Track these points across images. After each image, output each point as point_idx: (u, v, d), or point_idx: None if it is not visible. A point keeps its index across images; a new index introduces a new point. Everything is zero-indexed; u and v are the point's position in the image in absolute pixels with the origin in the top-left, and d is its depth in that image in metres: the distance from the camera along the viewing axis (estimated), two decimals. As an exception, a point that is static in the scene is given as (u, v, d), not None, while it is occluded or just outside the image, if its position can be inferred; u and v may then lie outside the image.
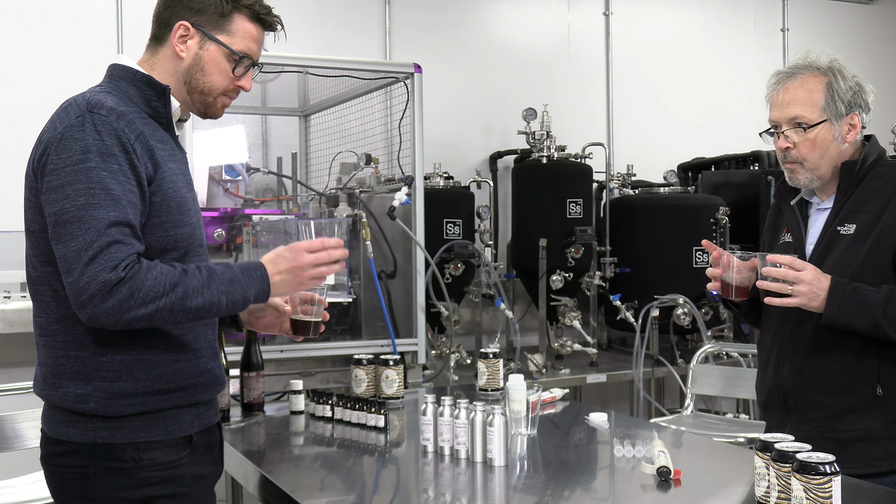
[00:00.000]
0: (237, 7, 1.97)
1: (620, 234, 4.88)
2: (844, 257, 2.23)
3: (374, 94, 4.05)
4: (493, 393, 2.99)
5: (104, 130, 1.80)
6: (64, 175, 1.77)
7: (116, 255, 1.73)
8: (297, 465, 2.37)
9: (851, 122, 2.29)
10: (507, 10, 5.50)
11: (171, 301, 1.77)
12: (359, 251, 3.60)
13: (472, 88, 5.33)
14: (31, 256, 1.90)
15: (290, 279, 1.94)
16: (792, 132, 2.29)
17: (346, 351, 3.48)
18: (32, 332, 4.08)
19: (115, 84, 1.94)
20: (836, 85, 2.28)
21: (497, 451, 2.17)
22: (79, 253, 1.72)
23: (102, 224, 1.74)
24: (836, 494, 1.63)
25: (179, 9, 1.96)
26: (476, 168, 5.28)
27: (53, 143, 1.80)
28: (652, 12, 5.92)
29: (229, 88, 2.02)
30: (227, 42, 1.97)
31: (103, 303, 1.72)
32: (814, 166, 2.28)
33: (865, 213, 2.23)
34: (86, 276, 1.71)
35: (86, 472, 1.83)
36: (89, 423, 1.83)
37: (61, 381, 1.85)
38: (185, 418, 1.91)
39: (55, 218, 1.77)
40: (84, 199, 1.75)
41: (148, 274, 1.75)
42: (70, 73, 4.41)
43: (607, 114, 5.75)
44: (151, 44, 2.01)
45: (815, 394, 2.24)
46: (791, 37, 6.32)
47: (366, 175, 3.93)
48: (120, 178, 1.79)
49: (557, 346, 4.61)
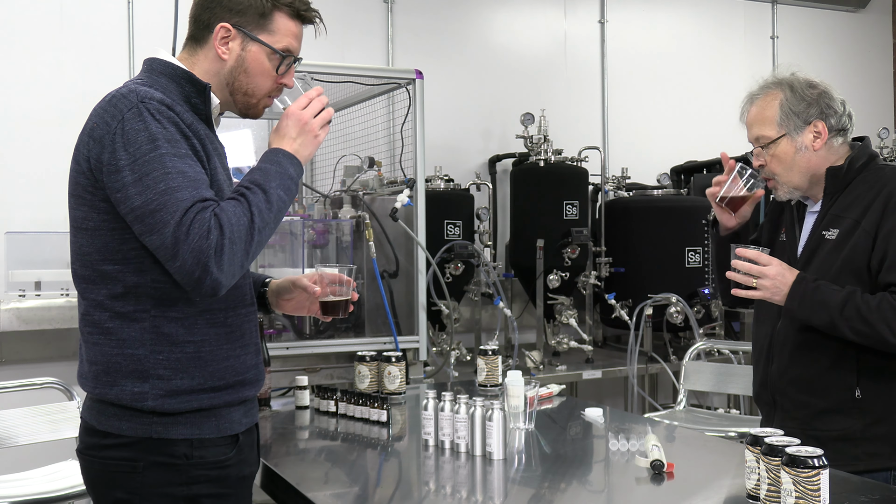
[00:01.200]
0: (277, 5, 1.90)
1: (615, 234, 4.88)
2: (826, 262, 2.22)
3: (377, 99, 4.06)
4: (492, 389, 2.99)
5: (163, 119, 1.75)
6: (138, 168, 1.71)
7: (203, 217, 1.70)
8: (302, 458, 2.37)
9: (816, 130, 2.26)
10: (505, 18, 5.50)
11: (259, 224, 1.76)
12: (362, 251, 3.60)
13: (471, 94, 5.33)
14: (83, 255, 1.83)
15: (306, 138, 1.91)
16: (760, 151, 2.32)
17: (349, 348, 3.48)
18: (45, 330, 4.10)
19: (154, 78, 1.86)
20: (788, 100, 2.27)
21: (496, 444, 2.17)
22: (175, 236, 1.68)
23: (186, 203, 1.70)
24: (824, 487, 1.63)
25: (219, 10, 1.89)
26: (475, 171, 5.28)
27: (115, 139, 1.73)
28: (645, 20, 5.92)
29: (273, 89, 1.96)
30: (270, 41, 1.91)
31: (219, 266, 1.69)
32: (786, 180, 2.29)
33: (847, 219, 2.22)
34: (190, 256, 1.68)
35: (134, 465, 1.78)
36: (145, 419, 1.78)
37: (117, 380, 1.79)
38: (234, 416, 1.87)
39: (141, 210, 1.71)
40: (164, 185, 1.70)
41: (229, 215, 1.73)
42: (82, 73, 4.42)
43: (602, 118, 5.75)
44: (190, 44, 1.94)
45: (798, 393, 2.25)
46: (780, 44, 6.32)
47: (369, 178, 3.93)
48: (189, 162, 1.75)
49: (554, 344, 4.62)
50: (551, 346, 4.63)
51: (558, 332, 4.66)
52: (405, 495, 2.02)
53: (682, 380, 3.99)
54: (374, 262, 3.55)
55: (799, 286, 2.14)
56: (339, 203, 3.79)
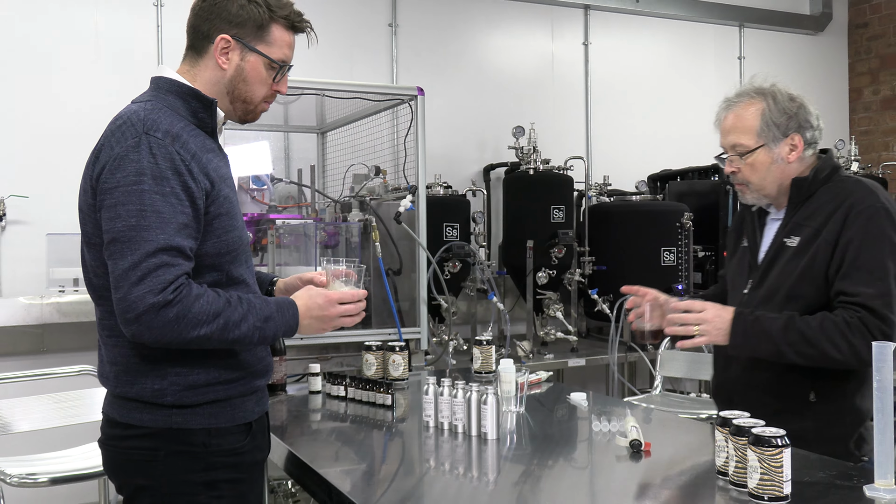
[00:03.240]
0: (274, 18, 1.84)
1: (598, 236, 4.88)
2: (786, 269, 2.15)
3: (383, 113, 4.05)
4: (487, 375, 2.99)
5: (159, 154, 1.68)
6: (118, 195, 1.66)
7: (164, 277, 1.63)
8: (315, 438, 2.37)
9: (792, 143, 2.17)
10: (499, 40, 5.50)
11: (212, 330, 1.68)
12: (369, 251, 3.60)
13: (468, 109, 5.33)
14: (93, 266, 1.79)
15: (317, 325, 1.88)
16: (735, 158, 2.20)
17: (357, 338, 3.48)
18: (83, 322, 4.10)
19: (162, 97, 1.81)
20: (770, 111, 2.17)
21: (490, 426, 2.17)
22: (127, 272, 1.62)
23: (151, 246, 1.63)
24: (787, 464, 1.63)
25: (218, 22, 1.82)
26: (472, 178, 5.27)
27: (110, 163, 1.68)
28: (625, 43, 5.92)
29: (268, 94, 1.90)
30: (267, 52, 1.85)
31: (150, 323, 1.63)
32: (758, 187, 2.20)
33: (809, 228, 2.13)
34: (133, 296, 1.62)
35: (155, 454, 1.75)
36: (165, 411, 1.75)
37: (136, 379, 1.75)
38: (248, 405, 1.84)
39: (109, 236, 1.66)
40: (135, 221, 1.64)
41: (196, 302, 1.66)
42: (117, 89, 4.37)
43: (586, 131, 5.75)
44: (190, 54, 1.88)
45: (755, 394, 2.17)
46: (747, 64, 6.31)
47: (375, 184, 3.93)
48: (171, 201, 1.67)
49: (542, 334, 4.62)
50: (540, 337, 4.63)
51: (546, 324, 4.66)
52: (408, 471, 2.02)
53: (658, 367, 3.99)
54: (380, 261, 3.54)
55: (738, 322, 2.07)
56: (348, 207, 3.79)
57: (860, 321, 2.01)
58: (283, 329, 1.82)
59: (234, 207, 1.85)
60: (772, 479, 1.62)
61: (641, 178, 5.57)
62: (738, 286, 2.30)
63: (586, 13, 5.75)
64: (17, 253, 4.25)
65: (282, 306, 1.82)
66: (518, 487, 1.86)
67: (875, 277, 2.02)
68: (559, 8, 5.66)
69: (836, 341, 2.00)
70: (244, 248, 1.88)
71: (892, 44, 6.53)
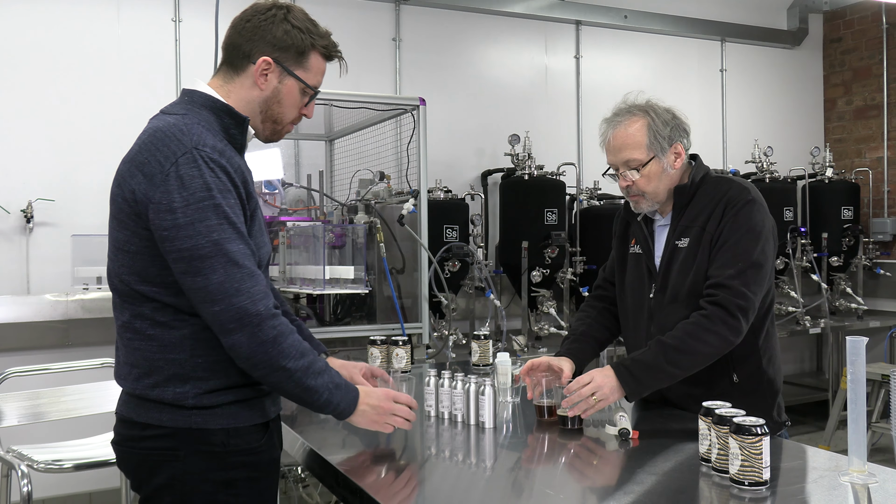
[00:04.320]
0: (315, 46, 1.80)
1: (588, 237, 4.88)
2: (683, 267, 2.18)
3: (387, 122, 4.06)
4: (484, 368, 2.98)
5: (216, 168, 1.63)
6: (191, 212, 1.58)
7: (257, 288, 1.62)
8: (322, 426, 2.35)
9: (676, 152, 2.21)
10: (495, 54, 5.50)
11: (296, 366, 1.66)
12: (374, 251, 3.60)
13: (466, 118, 5.33)
14: (122, 273, 1.70)
15: (371, 414, 1.85)
16: (629, 172, 2.21)
17: (363, 333, 3.48)
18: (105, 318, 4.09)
19: (195, 111, 1.73)
20: (655, 124, 2.19)
21: (487, 415, 2.16)
22: (222, 285, 1.59)
23: (238, 256, 1.61)
24: (766, 451, 1.63)
25: (262, 44, 1.75)
26: (470, 183, 5.28)
27: (168, 180, 1.60)
28: (614, 56, 5.92)
29: (296, 118, 1.86)
30: (304, 77, 1.80)
31: (252, 332, 1.61)
32: (653, 196, 2.22)
33: (695, 227, 2.18)
34: (234, 308, 1.59)
35: (176, 453, 1.68)
36: (185, 412, 1.68)
37: (158, 382, 1.68)
38: (265, 405, 1.79)
39: (189, 253, 1.59)
40: (217, 235, 1.59)
41: (291, 334, 1.66)
42: (136, 99, 4.42)
43: (577, 139, 5.75)
44: (225, 70, 1.80)
45: (682, 385, 2.16)
46: (728, 76, 6.32)
47: (380, 189, 3.93)
48: (237, 212, 1.65)
49: (536, 329, 4.62)
50: (534, 332, 4.63)
51: (540, 320, 4.66)
52: (410, 458, 2.01)
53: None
54: (384, 261, 3.54)
55: (620, 373, 2.07)
56: (354, 210, 3.79)
57: (715, 305, 2.06)
58: (345, 403, 1.79)
59: (262, 222, 1.82)
60: (752, 466, 1.62)
61: (629, 183, 5.56)
62: (640, 292, 2.31)
63: (578, 28, 5.75)
64: (43, 253, 4.25)
65: (348, 384, 1.81)
66: (513, 473, 1.85)
67: (737, 259, 2.09)
68: (552, 23, 5.66)
69: (703, 338, 2.05)
70: (267, 265, 1.85)
71: (864, 57, 6.54)
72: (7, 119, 4.24)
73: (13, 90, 4.26)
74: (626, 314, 2.38)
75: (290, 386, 1.70)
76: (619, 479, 1.80)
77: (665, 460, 1.93)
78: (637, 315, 2.32)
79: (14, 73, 4.26)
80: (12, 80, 4.26)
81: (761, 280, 2.11)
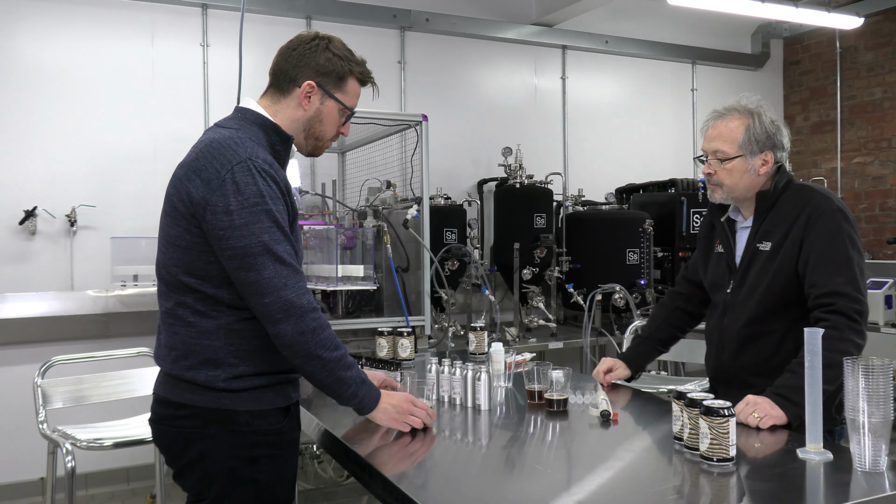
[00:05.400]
0: (353, 72, 1.85)
1: (573, 239, 4.88)
2: (762, 270, 2.12)
3: (393, 136, 4.05)
4: (480, 356, 2.98)
5: (268, 177, 1.66)
6: (246, 215, 1.61)
7: (300, 283, 1.66)
8: (335, 409, 2.35)
9: (765, 159, 2.12)
10: (490, 75, 5.50)
11: (330, 357, 1.70)
12: (382, 252, 3.59)
13: (464, 133, 5.33)
14: (170, 265, 1.73)
15: (392, 412, 1.86)
16: (714, 161, 2.16)
17: (371, 325, 3.47)
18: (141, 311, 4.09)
19: (247, 126, 1.76)
20: (754, 127, 2.11)
21: (483, 398, 2.17)
22: (272, 280, 1.62)
23: (285, 255, 1.65)
24: (732, 431, 1.63)
25: (307, 70, 1.80)
26: (467, 191, 5.28)
27: (224, 186, 1.63)
28: (596, 77, 5.92)
29: (335, 136, 1.89)
30: (343, 100, 1.84)
31: (296, 323, 1.64)
32: (729, 190, 2.16)
33: (777, 233, 2.10)
34: (282, 300, 1.63)
35: (206, 431, 1.70)
36: (216, 393, 1.70)
37: (194, 364, 1.70)
38: (287, 391, 1.80)
39: (243, 251, 1.62)
40: (268, 236, 1.63)
41: (328, 328, 1.70)
42: (169, 116, 4.42)
43: (564, 151, 5.75)
44: (273, 93, 1.83)
45: (746, 376, 2.14)
46: (698, 95, 6.32)
47: (386, 196, 3.92)
48: (284, 217, 1.68)
49: (527, 322, 4.62)
50: (525, 324, 4.63)
51: (530, 313, 4.66)
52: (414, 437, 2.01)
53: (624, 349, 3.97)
54: (391, 260, 3.54)
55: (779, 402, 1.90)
56: (364, 215, 3.78)
57: (837, 314, 1.96)
58: (369, 398, 1.82)
59: (298, 227, 1.83)
60: (720, 444, 1.62)
61: (610, 190, 5.57)
62: (720, 286, 2.26)
63: (564, 52, 5.75)
64: (86, 253, 4.25)
65: (372, 384, 1.84)
66: (507, 450, 1.85)
67: (843, 267, 2.00)
68: (541, 48, 5.66)
69: (839, 348, 1.88)
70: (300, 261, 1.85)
71: (819, 78, 6.54)
72: (53, 134, 4.24)
73: (59, 109, 4.26)
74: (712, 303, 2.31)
75: (324, 375, 1.72)
76: (600, 455, 1.80)
77: (642, 439, 1.94)
78: (713, 307, 2.27)
79: (60, 95, 4.26)
80: (58, 100, 4.26)
81: (865, 283, 2.03)
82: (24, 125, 4.19)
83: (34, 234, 4.16)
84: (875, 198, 6.18)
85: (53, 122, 4.24)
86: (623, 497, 1.52)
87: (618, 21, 5.86)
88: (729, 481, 1.57)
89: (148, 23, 4.46)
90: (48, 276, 4.19)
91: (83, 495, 4.18)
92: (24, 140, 4.19)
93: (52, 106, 4.24)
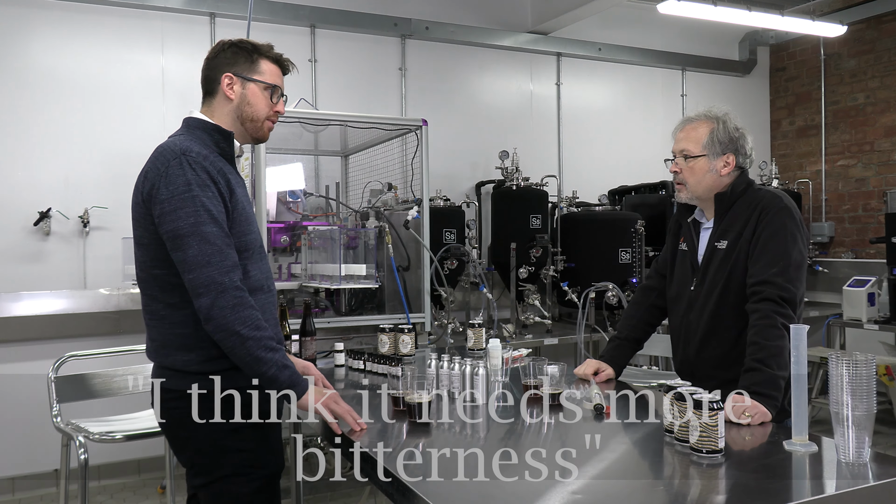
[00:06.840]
0: (260, 54, 1.97)
1: (568, 239, 4.88)
2: (720, 267, 2.18)
3: (394, 140, 4.05)
4: (478, 352, 2.98)
5: (197, 168, 1.79)
6: (174, 202, 1.75)
7: (226, 262, 1.74)
8: (339, 402, 2.35)
9: (727, 161, 2.21)
10: (488, 81, 5.50)
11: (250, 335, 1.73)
12: (383, 251, 3.59)
13: (463, 137, 5.32)
14: (141, 262, 1.87)
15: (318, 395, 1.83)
16: (680, 160, 2.24)
17: (374, 322, 3.47)
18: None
19: (192, 132, 1.92)
20: (718, 130, 2.21)
21: (481, 392, 2.17)
22: (196, 258, 1.73)
23: (210, 236, 1.74)
24: (721, 424, 1.63)
25: (220, 66, 1.95)
26: (466, 193, 5.28)
27: (160, 180, 1.78)
28: (590, 83, 5.92)
29: (270, 114, 1.98)
30: (261, 79, 1.95)
31: (216, 299, 1.72)
32: (692, 188, 2.23)
33: (733, 232, 2.17)
34: (204, 276, 1.72)
35: (188, 412, 1.81)
36: (192, 376, 1.82)
37: (170, 351, 1.84)
38: None
39: (173, 234, 1.75)
40: (194, 219, 1.74)
41: (252, 309, 1.75)
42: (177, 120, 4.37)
43: (558, 154, 5.75)
44: (207, 99, 1.99)
45: (708, 369, 2.19)
46: (688, 100, 6.32)
47: (388, 198, 3.92)
48: (214, 202, 1.79)
49: (523, 319, 4.61)
50: (521, 321, 4.62)
51: (526, 311, 4.66)
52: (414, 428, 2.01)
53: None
54: (392, 260, 3.54)
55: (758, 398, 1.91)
56: (366, 216, 3.78)
57: (764, 301, 2.01)
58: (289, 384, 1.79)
59: (250, 217, 1.91)
60: (709, 436, 1.62)
61: (603, 192, 5.57)
62: (684, 284, 2.32)
63: (558, 59, 5.74)
64: (98, 253, 4.25)
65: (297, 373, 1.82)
66: (503, 442, 1.85)
67: (778, 259, 2.06)
68: (536, 55, 5.66)
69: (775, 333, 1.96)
70: (258, 249, 1.92)
71: (805, 84, 6.54)
72: (67, 139, 4.24)
73: (73, 115, 4.26)
74: (672, 301, 2.37)
75: (242, 352, 1.75)
76: (594, 446, 1.80)
77: (634, 431, 1.93)
78: (678, 303, 2.32)
79: (73, 101, 4.26)
80: (72, 106, 4.26)
81: (801, 276, 2.07)
82: (39, 130, 4.19)
83: (48, 235, 4.16)
84: (858, 199, 6.18)
85: (67, 128, 4.24)
86: (616, 488, 1.52)
87: (610, 29, 5.86)
88: (718, 472, 1.57)
89: (158, 31, 4.45)
90: (62, 276, 4.18)
91: (96, 486, 4.18)
92: (38, 144, 4.19)
93: (66, 111, 4.24)
